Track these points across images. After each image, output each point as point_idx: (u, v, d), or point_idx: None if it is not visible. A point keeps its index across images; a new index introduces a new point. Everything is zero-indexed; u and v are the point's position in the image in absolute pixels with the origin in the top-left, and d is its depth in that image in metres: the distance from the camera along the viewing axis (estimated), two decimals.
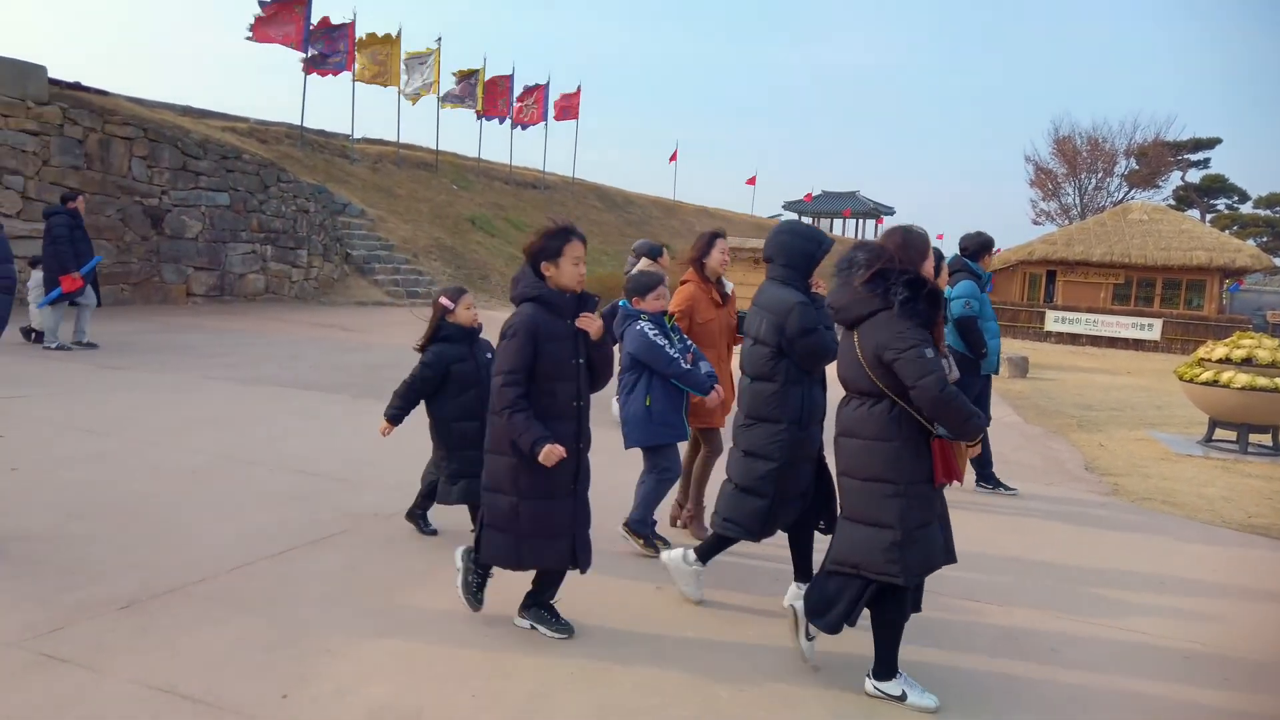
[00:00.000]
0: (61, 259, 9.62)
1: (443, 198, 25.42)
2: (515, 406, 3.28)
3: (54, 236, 9.66)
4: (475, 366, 4.45)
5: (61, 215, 9.82)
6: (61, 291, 9.62)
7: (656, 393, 4.48)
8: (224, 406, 7.59)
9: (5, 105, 12.83)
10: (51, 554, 4.01)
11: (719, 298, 5.00)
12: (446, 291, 4.58)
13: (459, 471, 4.38)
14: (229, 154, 16.53)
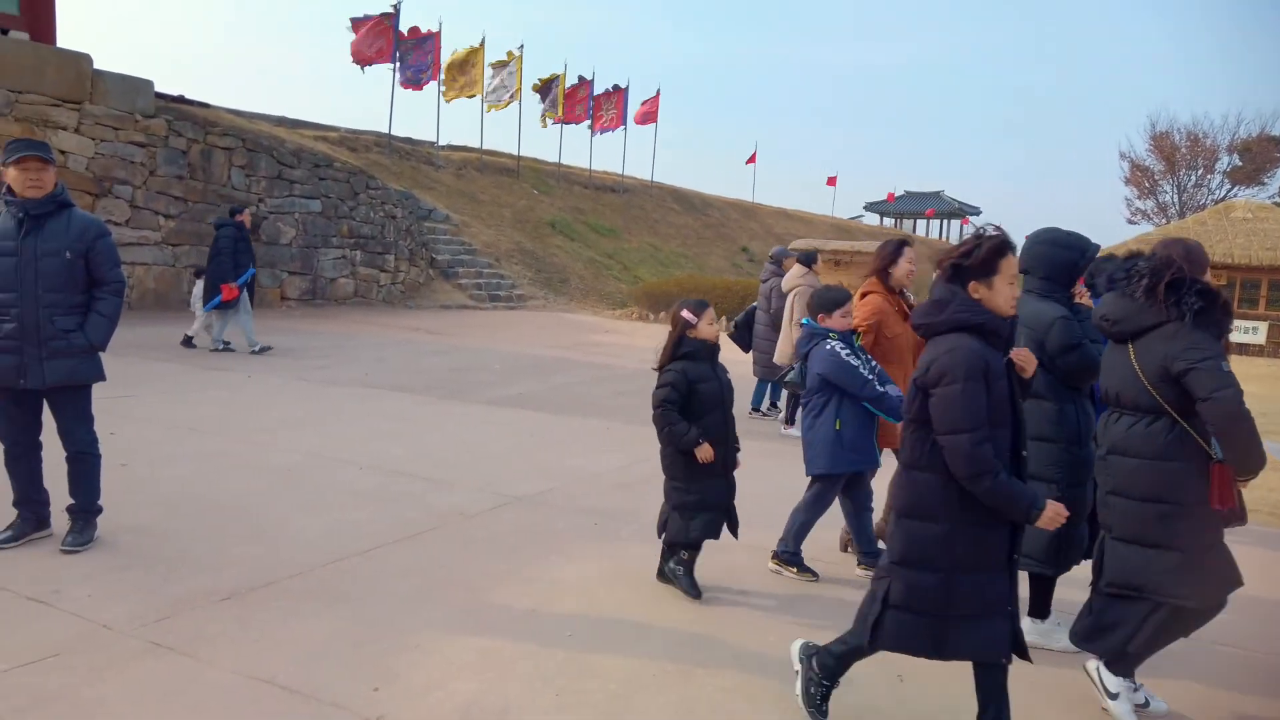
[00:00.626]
0: (224, 269, 10.27)
1: (524, 202, 25.79)
2: (994, 470, 2.56)
3: (219, 248, 10.33)
4: (719, 386, 4.04)
5: (229, 228, 10.47)
6: (222, 299, 10.28)
7: (847, 416, 4.23)
8: (316, 407, 7.85)
9: (116, 119, 13.53)
10: (157, 547, 4.21)
11: (907, 309, 4.68)
12: (688, 304, 4.09)
13: (700, 504, 3.98)
14: (321, 162, 17.10)
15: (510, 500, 5.35)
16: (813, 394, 4.35)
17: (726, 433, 4.02)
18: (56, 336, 3.96)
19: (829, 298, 4.36)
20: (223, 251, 10.32)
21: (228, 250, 10.33)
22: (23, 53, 12.52)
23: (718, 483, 4.03)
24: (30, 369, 3.94)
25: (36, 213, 3.96)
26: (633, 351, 13.68)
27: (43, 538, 4.16)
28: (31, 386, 3.97)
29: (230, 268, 10.31)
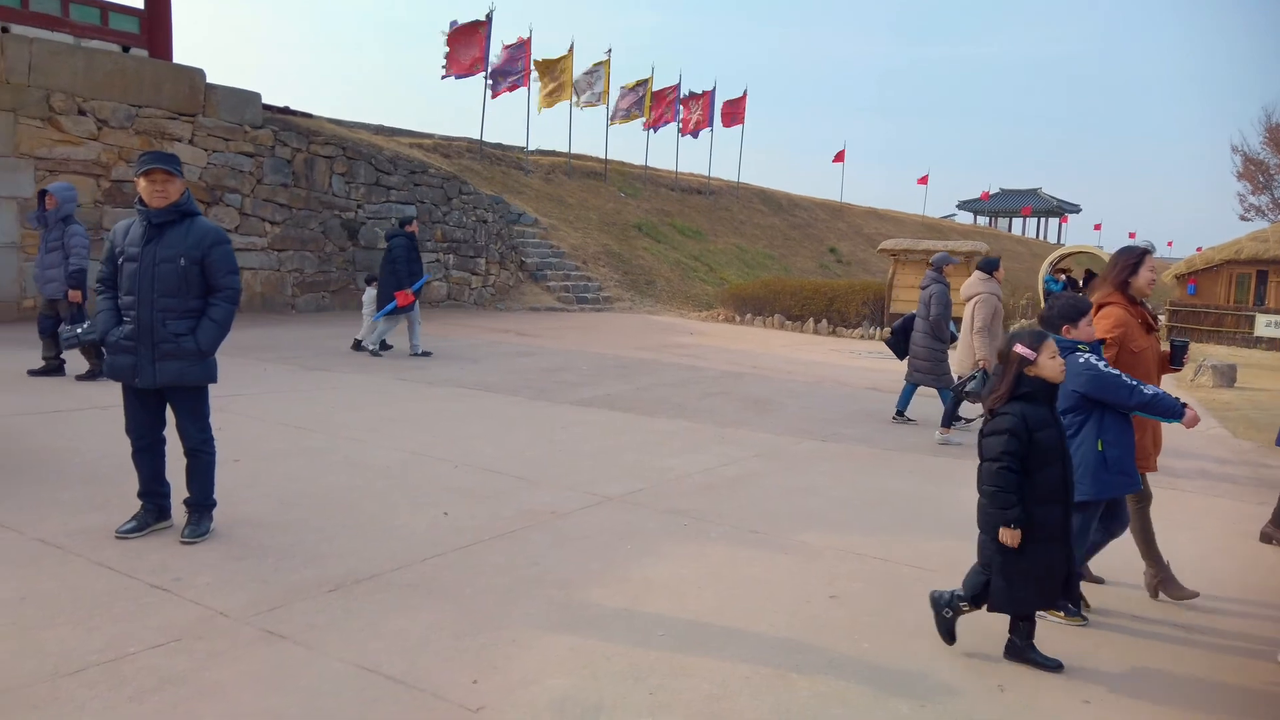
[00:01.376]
0: (399, 276, 10.75)
1: (611, 205, 26.01)
2: None
3: (393, 256, 10.82)
4: (1058, 434, 3.49)
5: (401, 237, 10.96)
6: (396, 305, 10.75)
7: (1111, 435, 3.89)
8: (413, 406, 8.08)
9: (226, 130, 14.19)
10: (269, 539, 4.40)
11: (1151, 321, 4.39)
12: (1025, 337, 3.53)
13: (1028, 572, 3.43)
14: (416, 169, 17.59)
15: (601, 500, 5.41)
16: (1067, 413, 3.91)
17: (1066, 492, 3.47)
18: (167, 339, 4.19)
19: (1073, 307, 3.97)
20: (398, 260, 10.82)
21: (403, 258, 10.82)
22: (143, 69, 13.25)
23: (1054, 550, 3.45)
24: (143, 369, 4.19)
25: (159, 221, 4.21)
26: (719, 354, 13.66)
27: (163, 529, 4.40)
28: (143, 386, 4.22)
29: (406, 274, 10.80)
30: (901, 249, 18.85)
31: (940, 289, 8.37)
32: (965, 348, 7.85)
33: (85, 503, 4.73)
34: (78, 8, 13.13)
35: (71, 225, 8.23)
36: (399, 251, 10.84)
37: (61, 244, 8.18)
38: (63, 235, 8.18)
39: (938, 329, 8.29)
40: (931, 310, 8.32)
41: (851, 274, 29.72)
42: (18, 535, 4.19)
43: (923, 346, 8.39)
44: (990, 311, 7.68)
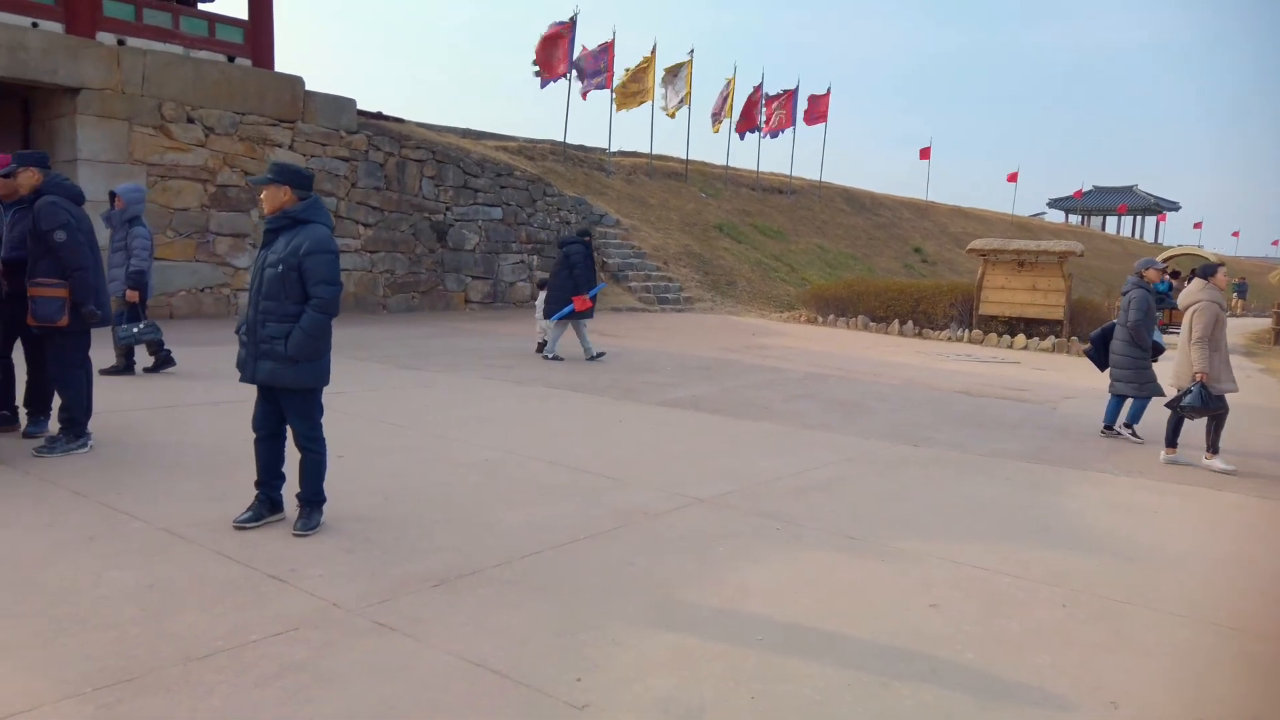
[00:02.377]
0: (577, 282, 11.14)
1: (691, 206, 26.00)
2: None
3: (571, 262, 11.20)
4: None
5: (578, 244, 11.37)
6: (574, 309, 11.13)
7: None
8: (503, 405, 8.24)
9: (324, 136, 14.69)
10: (375, 532, 4.56)
11: None
12: None
13: None
14: (503, 171, 17.90)
15: (692, 501, 5.44)
16: None
17: None
18: (264, 340, 4.38)
19: None
20: (576, 265, 11.17)
21: (581, 264, 11.19)
22: (247, 78, 13.82)
23: None
24: (247, 365, 4.45)
25: (270, 227, 4.42)
26: (803, 355, 13.54)
27: (276, 520, 4.59)
28: (244, 380, 4.47)
29: (585, 280, 11.18)
30: (991, 249, 18.37)
31: (1140, 294, 8.08)
32: (1183, 359, 7.41)
33: (203, 494, 4.96)
34: (187, 20, 13.76)
35: (136, 226, 8.42)
36: (577, 258, 11.19)
37: (125, 244, 8.40)
38: (127, 236, 8.42)
39: (1137, 336, 8.01)
40: (1130, 316, 8.05)
41: (937, 274, 29.10)
42: (145, 525, 4.43)
43: (1123, 355, 8.13)
44: (1210, 319, 7.20)
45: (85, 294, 5.52)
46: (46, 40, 11.90)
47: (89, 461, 5.48)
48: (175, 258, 13.09)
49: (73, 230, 5.51)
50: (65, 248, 5.47)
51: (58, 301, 5.45)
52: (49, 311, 5.45)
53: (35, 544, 4.10)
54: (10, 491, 4.83)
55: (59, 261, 5.47)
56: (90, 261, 5.59)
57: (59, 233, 5.45)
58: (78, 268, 5.50)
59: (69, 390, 5.59)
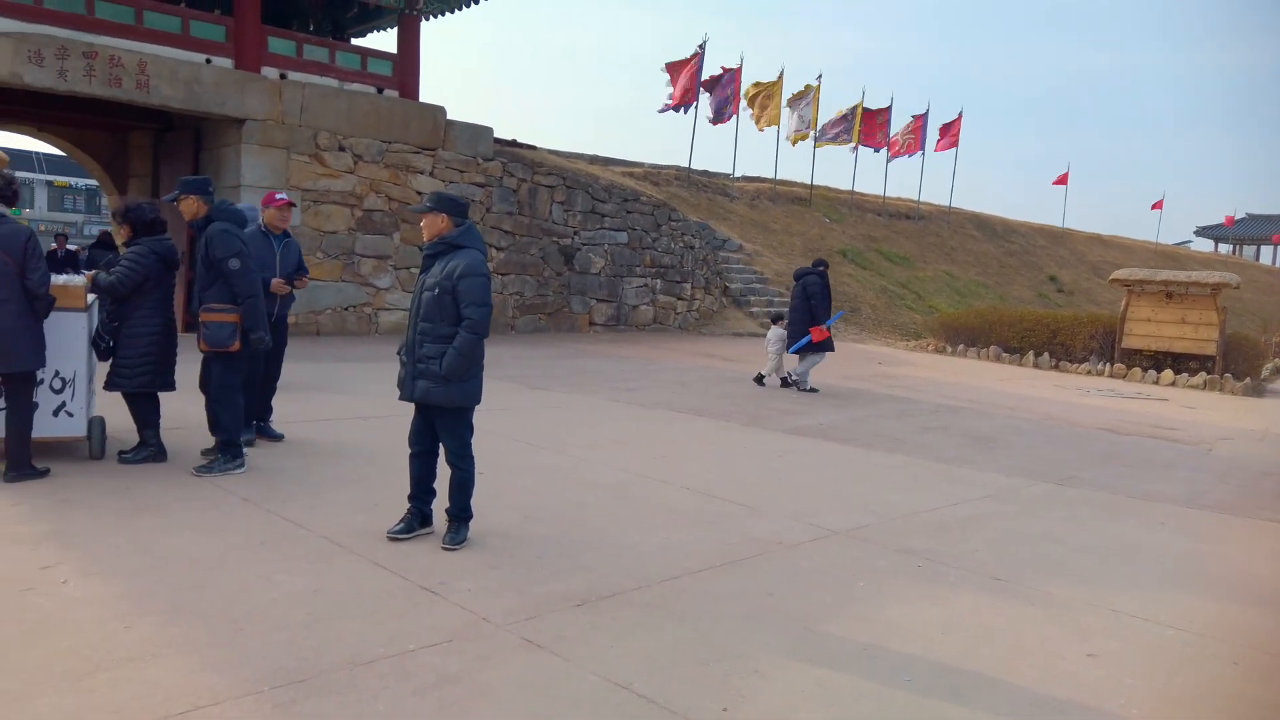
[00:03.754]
0: (814, 313, 11.26)
1: (815, 231, 25.75)
2: None
3: (809, 293, 11.32)
4: None
5: (815, 275, 11.48)
6: (811, 340, 11.24)
7: None
8: (631, 427, 8.34)
9: (462, 163, 15.30)
10: (517, 549, 4.68)
11: None
12: None
13: None
14: (629, 197, 18.20)
15: (827, 533, 5.36)
16: None
17: None
18: (421, 360, 4.58)
19: None
20: (814, 296, 11.24)
21: (819, 295, 11.26)
22: (394, 108, 14.55)
23: None
24: (406, 384, 4.66)
25: (429, 253, 4.64)
26: (933, 385, 13.17)
27: (426, 534, 4.78)
28: (403, 399, 4.68)
29: (823, 311, 11.26)
30: (1136, 279, 17.46)
31: None
32: None
33: (357, 504, 5.22)
34: (343, 55, 14.60)
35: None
36: (815, 289, 11.22)
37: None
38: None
39: None
40: None
41: (1074, 304, 27.82)
42: (308, 533, 4.69)
43: None
44: None
45: (255, 321, 5.63)
46: (218, 75, 12.86)
47: (256, 470, 5.84)
48: (323, 278, 13.85)
49: (245, 258, 5.62)
50: (238, 275, 5.56)
51: (229, 327, 5.55)
52: (221, 336, 5.54)
53: (211, 546, 4.39)
54: (187, 494, 5.19)
55: (231, 288, 5.57)
56: (259, 289, 5.76)
57: (233, 260, 5.54)
58: (249, 295, 5.62)
59: (228, 412, 5.68)
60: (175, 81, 12.45)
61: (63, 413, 5.53)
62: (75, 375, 5.55)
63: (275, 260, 6.58)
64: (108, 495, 5.05)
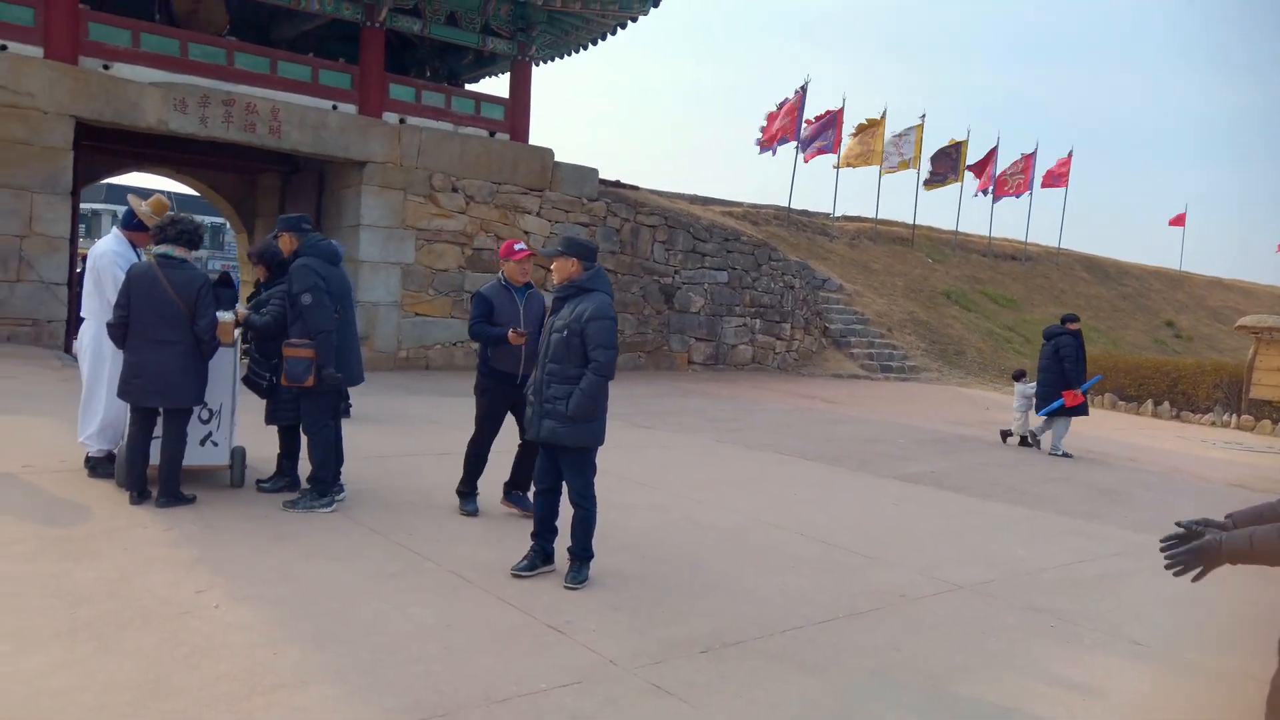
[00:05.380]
0: (1068, 376, 10.71)
1: (918, 271, 25.32)
2: None
3: (1061, 355, 10.81)
4: None
5: (1067, 335, 11.02)
6: (1064, 404, 10.71)
7: None
8: (739, 469, 8.30)
9: (568, 203, 15.66)
10: (637, 591, 4.70)
11: None
12: None
13: None
14: (729, 236, 18.28)
15: (951, 587, 5.21)
16: None
17: None
18: (549, 400, 4.67)
19: None
20: (1067, 359, 10.70)
21: (1071, 357, 10.72)
22: (504, 151, 15.03)
23: None
24: (533, 423, 4.74)
25: (559, 295, 4.75)
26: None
27: (548, 571, 4.85)
28: (529, 438, 4.77)
29: (1076, 374, 10.65)
30: (1265, 326, 16.56)
31: None
32: None
33: (482, 539, 5.34)
34: (458, 100, 15.19)
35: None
36: (1069, 350, 10.68)
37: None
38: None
39: None
40: None
41: (1193, 351, 26.52)
42: (435, 566, 4.81)
43: None
44: None
45: (327, 356, 5.56)
46: (343, 120, 13.53)
47: (384, 501, 6.03)
48: (434, 314, 14.30)
49: (319, 293, 5.55)
50: (310, 310, 5.53)
51: (305, 362, 5.52)
52: (298, 372, 5.52)
53: (347, 575, 4.55)
54: (319, 523, 5.40)
55: (306, 324, 5.55)
56: (332, 324, 5.58)
57: (306, 296, 5.53)
58: (320, 330, 5.51)
59: (316, 449, 5.68)
60: (304, 127, 13.14)
61: (209, 442, 5.84)
62: (222, 407, 5.87)
63: (519, 313, 5.84)
64: (249, 522, 5.29)
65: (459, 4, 14.74)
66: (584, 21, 16.08)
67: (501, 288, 5.88)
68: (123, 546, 4.67)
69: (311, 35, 15.87)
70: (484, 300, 5.77)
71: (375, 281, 13.69)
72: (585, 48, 17.16)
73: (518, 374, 5.77)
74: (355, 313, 6.12)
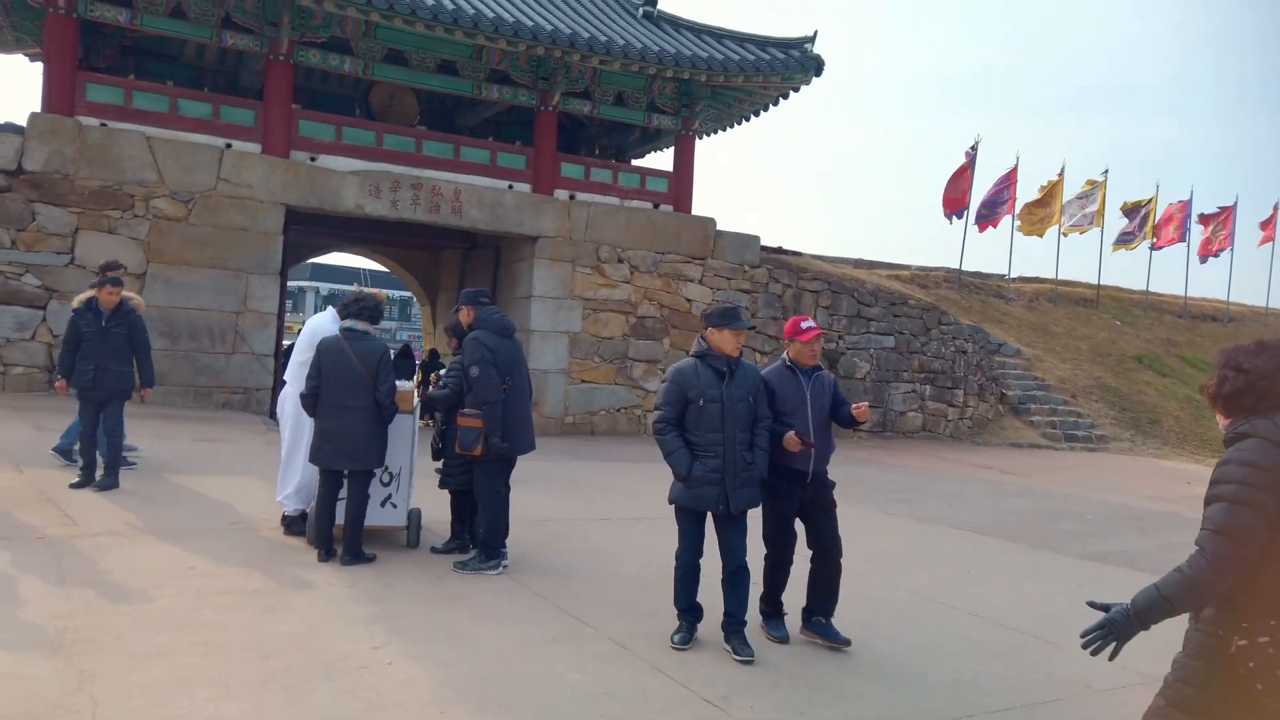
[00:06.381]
0: None
1: (1104, 334, 23.74)
2: None
3: None
4: None
5: None
6: None
7: None
8: (908, 543, 7.97)
9: (729, 270, 15.82)
10: (798, 667, 4.58)
11: None
12: None
13: None
14: (896, 301, 17.86)
15: (1144, 679, 4.75)
16: None
17: None
18: (745, 469, 4.69)
19: None
20: None
21: None
22: (667, 221, 15.43)
23: None
24: (720, 497, 4.67)
25: (734, 367, 4.81)
26: None
27: (704, 642, 4.81)
28: (732, 510, 4.68)
29: None
30: None
31: None
32: None
33: (640, 607, 5.36)
34: (624, 175, 15.78)
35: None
36: None
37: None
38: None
39: None
40: None
41: None
42: (594, 632, 4.88)
43: None
44: None
45: (493, 426, 5.73)
46: (518, 199, 14.33)
47: (548, 565, 6.18)
48: (599, 381, 14.69)
49: (486, 365, 5.76)
50: (478, 382, 5.69)
51: (474, 431, 5.72)
52: (468, 440, 5.73)
53: (511, 638, 4.69)
54: (487, 586, 5.60)
55: (475, 395, 5.76)
56: (497, 395, 5.73)
57: (474, 368, 5.77)
58: (486, 401, 5.68)
59: (485, 514, 5.90)
60: (482, 206, 14.01)
61: (388, 504, 6.22)
62: (401, 471, 6.25)
63: (805, 401, 4.99)
64: (423, 582, 5.56)
65: (626, 84, 15.40)
66: (746, 94, 16.40)
67: (786, 370, 5.07)
68: (310, 601, 5.01)
69: (490, 120, 16.97)
70: (765, 388, 4.98)
71: (544, 349, 14.25)
72: (747, 119, 17.45)
73: (808, 471, 4.97)
74: (527, 383, 6.24)
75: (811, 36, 15.65)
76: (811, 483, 5.02)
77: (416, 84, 14.56)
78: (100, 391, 7.15)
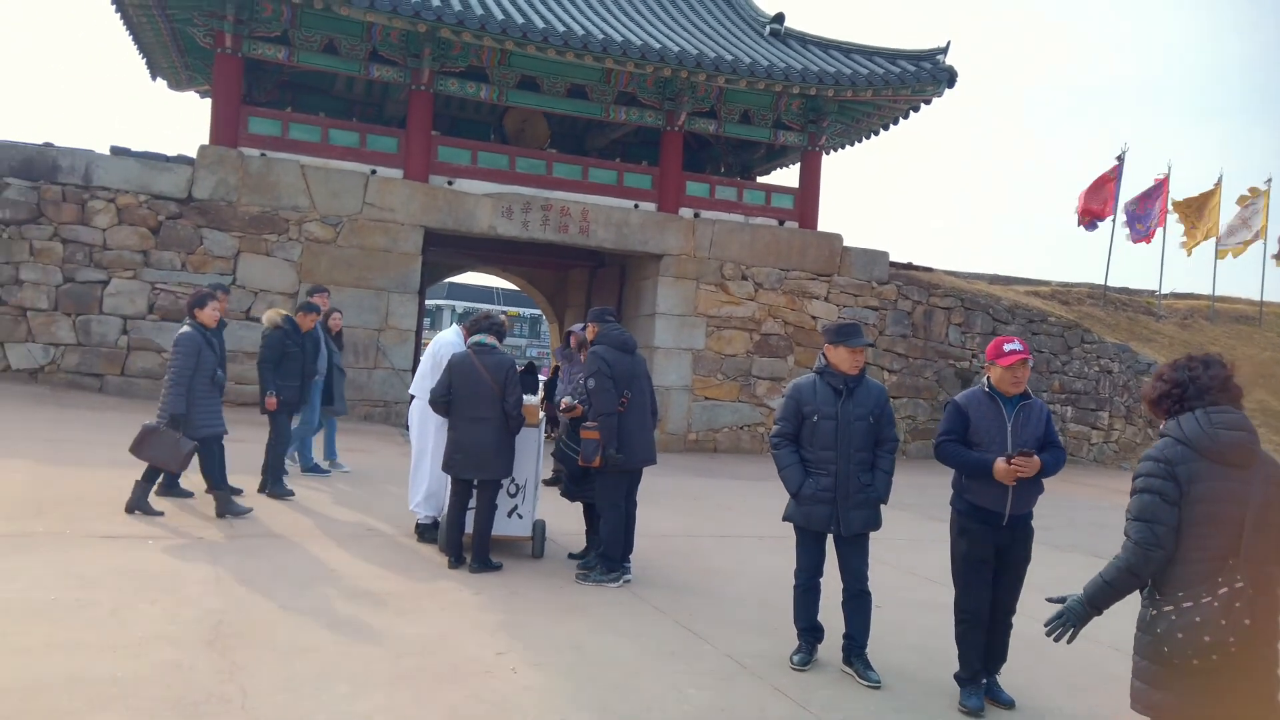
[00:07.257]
0: None
1: (1268, 354, 22.00)
2: None
3: None
4: None
5: None
6: None
7: None
8: (1043, 572, 7.36)
9: (856, 287, 15.55)
10: (922, 696, 4.47)
11: None
12: None
13: None
14: (1035, 317, 17.12)
15: None
16: None
17: None
18: (859, 489, 4.62)
19: None
20: None
21: None
22: (793, 238, 15.32)
23: None
24: (842, 517, 4.60)
25: (853, 384, 4.71)
26: None
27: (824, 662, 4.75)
28: (844, 533, 4.61)
29: None
30: None
31: None
32: None
33: (758, 626, 5.34)
34: (749, 192, 15.78)
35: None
36: None
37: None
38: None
39: None
40: None
41: None
42: (712, 649, 4.89)
43: None
44: None
45: (609, 438, 5.86)
46: (643, 218, 14.55)
47: (668, 580, 6.23)
48: (722, 398, 14.69)
49: (602, 378, 5.85)
50: (595, 394, 5.87)
51: (594, 443, 5.86)
52: (588, 452, 5.88)
53: (629, 650, 4.76)
54: (607, 598, 5.70)
55: (593, 407, 5.93)
56: (613, 408, 5.86)
57: (590, 380, 5.96)
58: (602, 413, 5.84)
59: (606, 525, 5.98)
60: (609, 225, 14.30)
61: (514, 514, 6.43)
62: (526, 482, 6.45)
63: (1006, 432, 4.38)
64: (547, 591, 5.72)
65: (752, 102, 15.41)
66: (875, 108, 16.14)
67: (985, 396, 4.47)
68: (440, 606, 5.23)
69: (617, 141, 17.31)
70: (958, 412, 4.49)
71: (668, 366, 14.37)
72: (876, 133, 17.17)
73: (1004, 513, 4.36)
74: (649, 398, 6.29)
75: (944, 47, 15.27)
76: (1008, 526, 4.41)
77: (547, 108, 15.03)
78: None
